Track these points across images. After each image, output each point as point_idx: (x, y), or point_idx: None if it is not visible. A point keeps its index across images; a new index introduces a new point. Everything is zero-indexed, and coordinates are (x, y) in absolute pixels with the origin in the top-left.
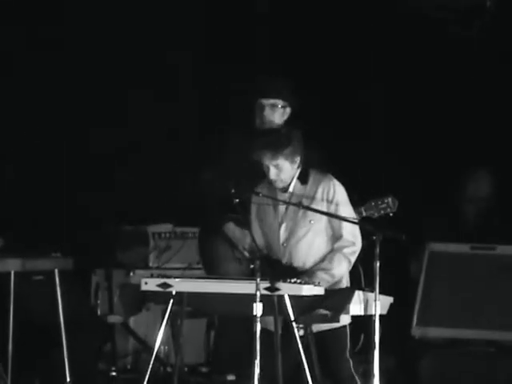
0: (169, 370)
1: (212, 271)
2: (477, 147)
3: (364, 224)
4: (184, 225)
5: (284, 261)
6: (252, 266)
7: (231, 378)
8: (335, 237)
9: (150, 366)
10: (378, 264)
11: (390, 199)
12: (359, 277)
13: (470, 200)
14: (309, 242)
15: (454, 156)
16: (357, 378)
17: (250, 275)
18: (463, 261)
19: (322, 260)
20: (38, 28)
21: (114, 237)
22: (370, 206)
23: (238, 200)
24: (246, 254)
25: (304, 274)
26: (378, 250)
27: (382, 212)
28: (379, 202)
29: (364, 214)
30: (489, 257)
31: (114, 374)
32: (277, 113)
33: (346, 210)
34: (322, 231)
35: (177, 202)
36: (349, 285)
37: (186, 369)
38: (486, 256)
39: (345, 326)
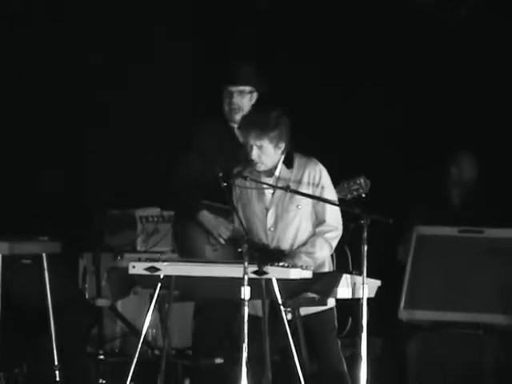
0: (156, 353)
1: (188, 256)
2: (463, 130)
3: (352, 207)
4: (172, 208)
5: (271, 245)
6: (239, 250)
7: (219, 361)
8: (318, 221)
9: (138, 350)
10: (365, 247)
11: (362, 180)
12: (347, 260)
13: (454, 183)
14: (296, 226)
15: (441, 139)
16: (343, 359)
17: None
18: (451, 244)
19: (304, 244)
20: None
21: (101, 220)
22: (343, 188)
23: (225, 184)
24: (222, 241)
25: (287, 257)
26: (365, 233)
27: (355, 193)
28: (351, 183)
29: (337, 195)
30: (476, 240)
31: (101, 357)
32: (245, 98)
33: (331, 194)
34: (308, 216)
35: (165, 186)
36: (332, 269)
37: (173, 352)
38: (474, 239)
39: (331, 309)
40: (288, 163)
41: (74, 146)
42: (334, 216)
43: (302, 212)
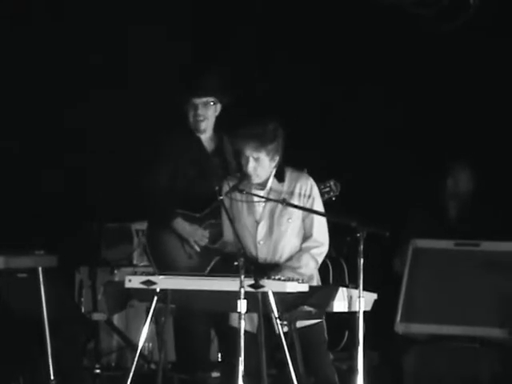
0: (153, 367)
1: (162, 267)
2: (461, 142)
3: (347, 220)
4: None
5: (260, 259)
6: (236, 264)
7: (215, 374)
8: (305, 236)
9: (134, 363)
10: (361, 261)
11: (331, 182)
12: (343, 273)
13: (450, 196)
14: (286, 240)
15: (439, 150)
16: (335, 371)
17: (199, 270)
18: (447, 257)
19: (290, 259)
20: None
21: (97, 234)
22: None
23: (221, 197)
24: (197, 248)
25: (273, 272)
26: (361, 246)
27: (326, 196)
28: (322, 187)
29: None
30: (473, 253)
31: (98, 371)
32: (210, 110)
33: (321, 207)
34: (296, 230)
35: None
36: (319, 283)
37: (169, 366)
38: (470, 252)
39: (321, 321)
40: (279, 177)
41: (72, 159)
42: (321, 231)
43: (292, 226)
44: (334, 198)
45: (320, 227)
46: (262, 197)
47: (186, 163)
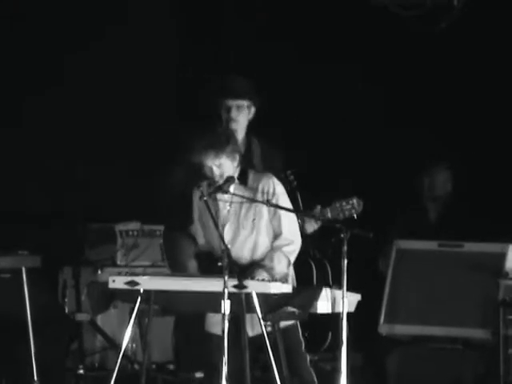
0: (136, 367)
1: (176, 269)
2: (441, 143)
3: (332, 222)
4: (152, 223)
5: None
6: (219, 264)
7: (199, 375)
8: (275, 234)
9: (118, 364)
10: (345, 261)
11: (355, 200)
12: (327, 274)
13: (428, 198)
14: (253, 241)
15: (421, 153)
16: (313, 372)
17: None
18: (430, 258)
19: (263, 259)
20: None
21: (81, 234)
22: (335, 208)
23: (205, 198)
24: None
25: (245, 273)
26: (345, 247)
27: (347, 213)
28: (344, 204)
29: (329, 215)
30: (456, 254)
31: (81, 371)
32: (242, 113)
33: (287, 203)
34: (264, 230)
35: (145, 200)
36: (294, 283)
37: (153, 366)
38: (454, 253)
39: (296, 323)
40: (242, 179)
41: (55, 159)
42: (290, 229)
43: (257, 226)
44: (355, 216)
45: (289, 224)
46: (248, 198)
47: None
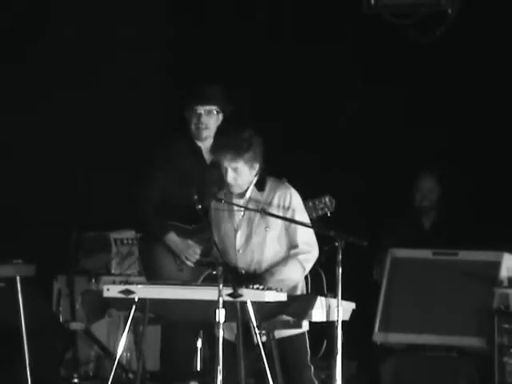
0: (131, 376)
1: (152, 279)
2: (433, 153)
3: (326, 230)
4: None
5: (239, 267)
6: (214, 273)
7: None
8: (291, 245)
9: (112, 373)
10: (340, 270)
11: (327, 198)
12: (321, 283)
13: (419, 208)
14: (264, 249)
15: (414, 161)
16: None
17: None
18: (425, 266)
19: (277, 265)
20: None
21: (75, 243)
22: (308, 207)
23: (200, 206)
24: (190, 263)
25: (258, 279)
26: (340, 256)
27: (320, 212)
28: (317, 202)
29: None
30: (451, 262)
31: (76, 380)
32: (212, 118)
33: (303, 216)
34: (277, 239)
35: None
36: (304, 292)
37: (148, 375)
38: (448, 262)
39: (303, 333)
40: (259, 186)
41: (50, 168)
42: (306, 239)
43: (270, 234)
44: (328, 214)
45: (304, 234)
46: (241, 206)
47: (183, 173)
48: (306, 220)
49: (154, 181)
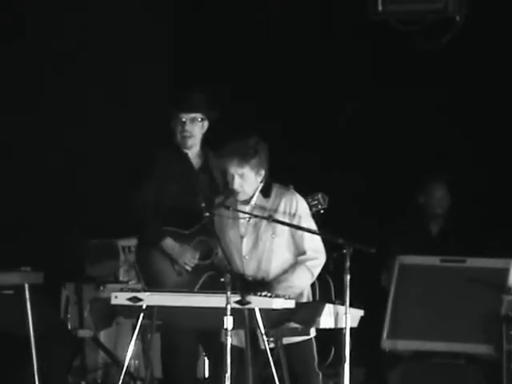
0: None
1: (151, 285)
2: (441, 157)
3: (334, 237)
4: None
5: (246, 274)
6: (222, 280)
7: None
8: (298, 252)
9: (121, 380)
10: (348, 277)
11: (319, 195)
12: (329, 290)
13: (427, 215)
14: (271, 255)
15: (421, 167)
16: None
17: (188, 287)
18: (433, 273)
19: (285, 272)
20: None
21: (83, 250)
22: None
23: (208, 214)
24: (188, 268)
25: (265, 286)
26: (348, 263)
27: (314, 209)
28: (309, 199)
29: None
30: (459, 269)
31: None
32: (197, 126)
33: (309, 223)
34: (284, 246)
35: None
36: (310, 299)
37: (156, 383)
38: (456, 269)
39: (310, 339)
40: (265, 192)
41: (56, 175)
42: (313, 245)
43: (276, 241)
44: (322, 211)
45: (311, 241)
46: (249, 213)
47: (174, 179)
48: (313, 227)
49: (145, 188)
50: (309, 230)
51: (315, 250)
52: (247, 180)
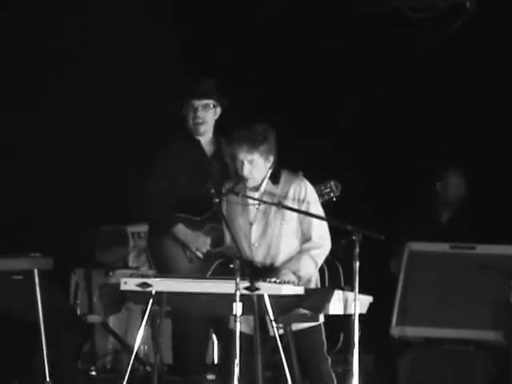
0: (148, 369)
1: (163, 271)
2: (454, 147)
3: (343, 224)
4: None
5: (254, 261)
6: (231, 266)
7: (210, 377)
8: (304, 238)
9: (130, 366)
10: (357, 264)
11: (332, 183)
12: (339, 276)
13: (441, 201)
14: (279, 242)
15: (435, 155)
16: (333, 376)
17: (200, 274)
18: (443, 260)
19: (290, 260)
20: None
21: (93, 236)
22: None
23: (217, 200)
24: (200, 254)
25: (271, 273)
26: (357, 249)
27: (326, 197)
28: (322, 187)
29: None
30: (468, 256)
31: (93, 373)
32: (209, 113)
33: (318, 210)
34: (292, 232)
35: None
36: (318, 285)
37: (165, 368)
38: (466, 255)
39: (319, 325)
40: (274, 179)
41: (66, 161)
42: (320, 233)
43: (285, 228)
44: (334, 199)
45: (319, 228)
46: (258, 199)
47: (186, 166)
48: (321, 212)
49: (157, 175)
50: (318, 216)
51: (321, 237)
52: (256, 166)
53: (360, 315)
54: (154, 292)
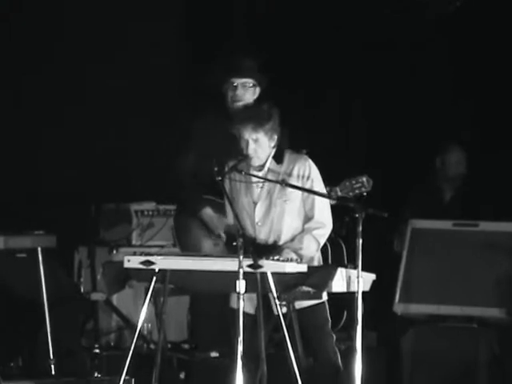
0: (152, 347)
1: (189, 251)
2: (455, 125)
3: (346, 201)
4: (167, 202)
5: (259, 239)
6: (234, 244)
7: (214, 354)
8: (307, 217)
9: (133, 343)
10: (360, 241)
11: (364, 178)
12: (342, 254)
13: (442, 178)
14: (283, 221)
15: (435, 134)
16: (338, 352)
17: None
18: (445, 237)
19: (292, 240)
20: None
21: (96, 214)
22: (345, 186)
23: (220, 178)
24: (224, 238)
25: (274, 252)
26: (360, 227)
27: (357, 191)
28: (353, 182)
29: (339, 193)
30: (471, 233)
31: (97, 351)
32: (248, 92)
33: (321, 188)
34: (295, 211)
35: (160, 180)
36: (321, 262)
37: (169, 346)
38: (469, 232)
39: (323, 303)
40: (278, 158)
41: (69, 140)
42: (323, 213)
43: (289, 207)
44: (365, 194)
45: (322, 208)
46: (262, 177)
47: (218, 146)
48: (324, 191)
49: (185, 156)
50: (321, 194)
51: (323, 217)
52: (261, 145)
53: (363, 293)
54: (157, 270)
